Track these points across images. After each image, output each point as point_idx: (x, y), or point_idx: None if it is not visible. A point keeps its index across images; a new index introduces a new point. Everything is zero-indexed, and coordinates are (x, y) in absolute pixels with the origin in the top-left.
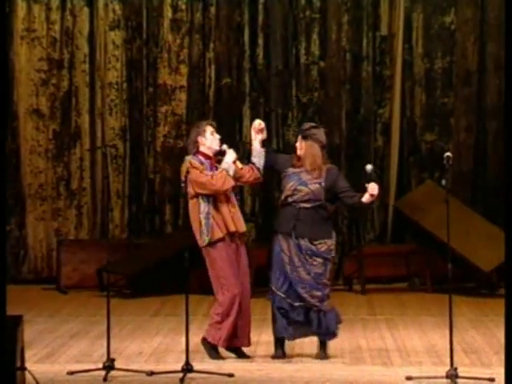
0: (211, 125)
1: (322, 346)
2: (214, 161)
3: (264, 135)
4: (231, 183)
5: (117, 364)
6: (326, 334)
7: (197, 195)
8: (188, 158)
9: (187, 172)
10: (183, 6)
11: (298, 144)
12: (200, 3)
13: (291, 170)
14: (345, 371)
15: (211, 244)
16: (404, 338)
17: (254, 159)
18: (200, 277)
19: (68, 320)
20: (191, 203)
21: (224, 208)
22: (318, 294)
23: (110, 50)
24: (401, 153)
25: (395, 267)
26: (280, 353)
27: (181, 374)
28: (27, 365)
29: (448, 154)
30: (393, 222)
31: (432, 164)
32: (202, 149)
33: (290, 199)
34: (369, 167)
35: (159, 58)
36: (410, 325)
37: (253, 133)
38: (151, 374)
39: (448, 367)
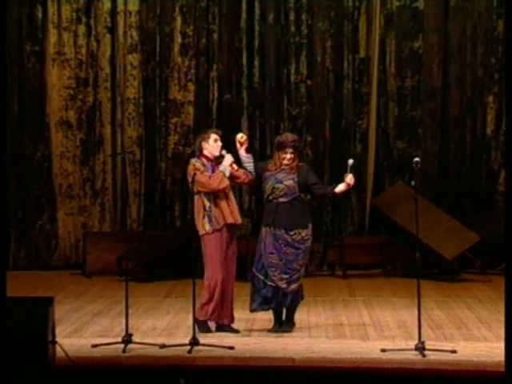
0: (216, 133)
1: (287, 321)
2: (215, 163)
3: (247, 144)
4: (226, 183)
5: (134, 338)
6: (285, 307)
7: (199, 192)
8: (193, 160)
9: (194, 173)
10: (191, 33)
11: (288, 156)
12: (205, 31)
13: (268, 173)
14: (328, 344)
15: (208, 234)
16: (379, 316)
17: (245, 165)
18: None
19: (92, 301)
20: (195, 198)
21: (223, 203)
22: (286, 276)
23: (128, 70)
24: (376, 158)
25: (371, 255)
26: (278, 327)
27: (188, 347)
28: (57, 339)
29: (416, 159)
30: (370, 217)
31: (403, 168)
32: (205, 152)
33: (270, 197)
34: (350, 161)
35: (170, 77)
36: (384, 305)
37: (237, 144)
38: (163, 346)
39: (416, 341)
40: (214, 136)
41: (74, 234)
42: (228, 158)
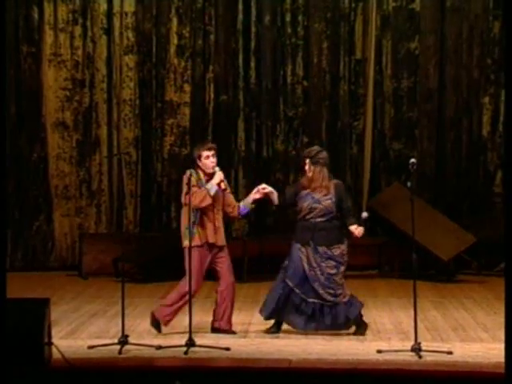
0: (208, 149)
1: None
2: (210, 177)
3: (260, 196)
4: (208, 201)
5: (130, 339)
6: (338, 326)
7: (186, 204)
8: (188, 171)
9: (187, 183)
10: (187, 34)
11: (307, 167)
12: (201, 32)
13: (304, 192)
14: (325, 345)
15: (190, 247)
16: (375, 317)
17: (241, 204)
18: None
19: (88, 302)
20: (183, 210)
21: (208, 221)
22: (331, 291)
23: (124, 72)
24: (372, 159)
25: (368, 257)
26: (275, 329)
27: (185, 348)
28: (54, 340)
29: (413, 160)
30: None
31: (399, 169)
32: (200, 166)
33: (307, 216)
34: (364, 214)
35: (166, 78)
36: (381, 306)
37: (255, 189)
38: (159, 348)
39: (413, 342)
40: (205, 153)
41: (71, 235)
42: (217, 176)
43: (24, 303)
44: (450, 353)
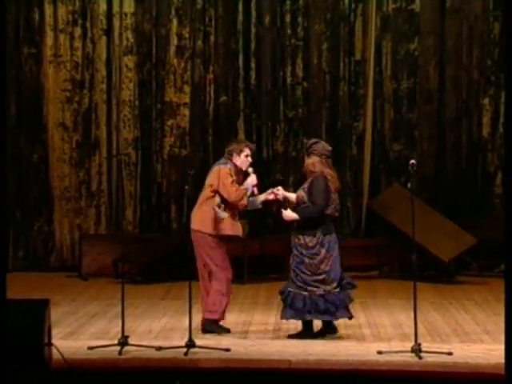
0: (250, 148)
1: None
2: (239, 174)
3: (273, 199)
4: (245, 202)
5: (130, 340)
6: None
7: (215, 194)
8: (228, 165)
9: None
10: (187, 35)
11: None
12: (201, 32)
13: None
14: (324, 346)
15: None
16: (375, 318)
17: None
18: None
19: (88, 303)
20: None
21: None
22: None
23: (124, 72)
24: (372, 160)
25: (368, 258)
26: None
27: (185, 349)
28: (54, 341)
29: (412, 161)
30: (366, 219)
31: (399, 170)
32: (234, 161)
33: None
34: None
35: (166, 79)
36: (381, 307)
37: (269, 191)
38: (159, 349)
39: (413, 343)
40: (246, 151)
41: (71, 236)
42: (252, 178)
43: (24, 304)
44: (450, 354)
